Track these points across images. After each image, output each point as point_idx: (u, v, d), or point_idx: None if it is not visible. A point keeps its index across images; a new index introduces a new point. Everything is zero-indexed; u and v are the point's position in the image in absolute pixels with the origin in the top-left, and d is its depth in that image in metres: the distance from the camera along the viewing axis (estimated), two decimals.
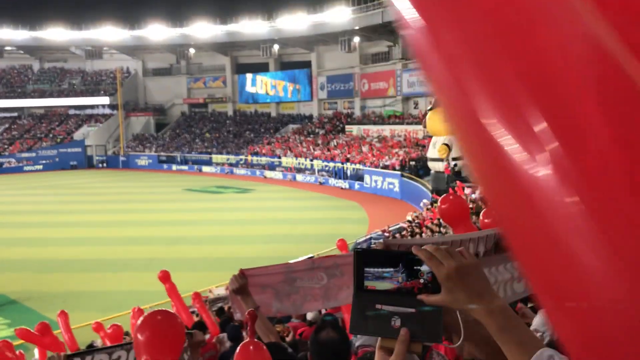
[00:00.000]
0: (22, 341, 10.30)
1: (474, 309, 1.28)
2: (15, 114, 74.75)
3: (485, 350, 1.44)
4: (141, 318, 2.16)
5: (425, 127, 35.69)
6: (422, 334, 1.32)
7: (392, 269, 1.34)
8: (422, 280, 1.33)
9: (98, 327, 11.06)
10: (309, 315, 7.57)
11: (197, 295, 10.37)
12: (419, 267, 1.34)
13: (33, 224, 31.62)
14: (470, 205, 17.27)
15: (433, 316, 1.33)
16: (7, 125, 73.10)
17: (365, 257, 1.37)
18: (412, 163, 41.54)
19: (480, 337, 1.40)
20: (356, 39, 58.52)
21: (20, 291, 19.75)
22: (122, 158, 69.42)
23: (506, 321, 1.26)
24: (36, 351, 10.84)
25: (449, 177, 31.03)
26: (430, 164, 33.56)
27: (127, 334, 10.14)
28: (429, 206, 27.10)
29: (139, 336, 2.09)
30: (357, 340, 3.39)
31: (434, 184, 32.37)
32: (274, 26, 62.74)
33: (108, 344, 10.05)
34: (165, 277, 10.12)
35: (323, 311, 8.03)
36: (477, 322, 1.30)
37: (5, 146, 69.12)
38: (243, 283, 3.24)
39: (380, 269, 1.35)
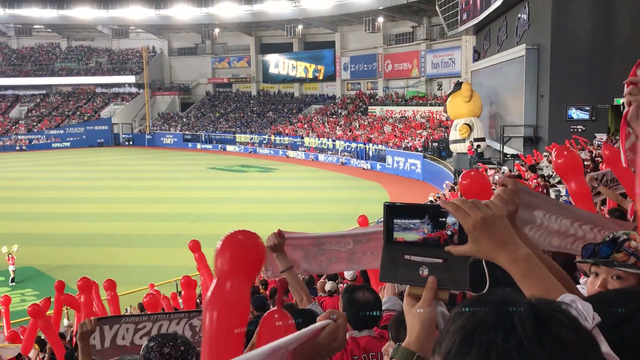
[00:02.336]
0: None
1: (499, 257, 1.34)
2: (44, 92, 75.93)
3: None
4: (221, 239, 2.18)
5: (445, 111, 35.59)
6: (448, 282, 1.37)
7: (418, 220, 1.40)
8: (448, 232, 1.38)
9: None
10: (327, 286, 7.86)
11: None
12: (444, 219, 1.39)
13: (60, 199, 32.39)
14: (493, 187, 17.33)
15: (459, 265, 1.38)
16: (36, 103, 74.36)
17: (395, 210, 1.44)
18: (435, 144, 41.43)
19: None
20: (380, 19, 58.12)
21: (48, 264, 20.39)
22: (147, 136, 70.25)
23: (529, 269, 1.33)
24: (65, 320, 11.35)
25: (471, 158, 31.00)
26: (452, 146, 33.53)
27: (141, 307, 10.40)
28: (452, 188, 27.13)
29: (219, 256, 2.14)
30: (384, 305, 3.57)
31: (455, 165, 32.35)
32: (298, 6, 62.53)
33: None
34: (195, 246, 10.55)
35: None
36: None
37: (34, 123, 70.39)
38: (280, 242, 3.43)
39: (407, 220, 1.41)
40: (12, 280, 18.66)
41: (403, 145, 43.53)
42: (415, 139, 44.15)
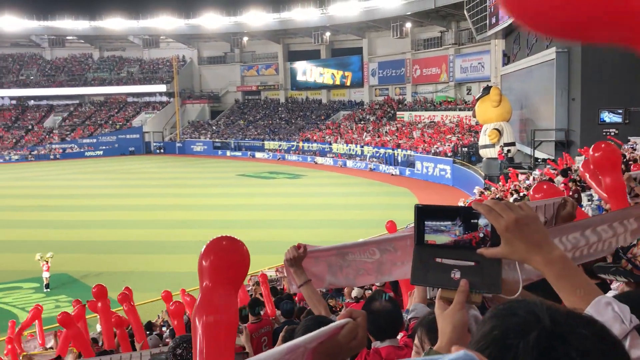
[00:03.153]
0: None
1: (532, 259, 1.32)
2: (77, 102, 77.49)
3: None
4: (206, 244, 2.15)
5: (474, 116, 35.27)
6: (481, 286, 1.36)
7: (449, 222, 1.39)
8: (480, 234, 1.38)
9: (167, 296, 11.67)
10: (354, 292, 7.84)
11: (264, 276, 10.76)
12: (476, 221, 1.38)
13: (93, 207, 32.96)
14: (524, 192, 17.12)
15: (492, 268, 1.36)
16: (69, 112, 75.92)
17: (426, 212, 1.43)
18: (465, 149, 41.07)
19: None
20: (408, 25, 57.97)
21: (81, 270, 20.75)
22: (178, 144, 71.11)
23: (564, 270, 1.30)
24: (98, 326, 11.53)
25: (502, 163, 30.62)
26: (482, 152, 33.19)
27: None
28: (482, 192, 26.85)
29: (204, 262, 2.09)
30: (410, 314, 3.51)
31: (486, 170, 32.00)
32: (326, 13, 62.77)
33: (168, 319, 10.60)
34: None
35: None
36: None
37: (68, 132, 71.84)
38: (297, 255, 3.30)
39: (438, 222, 1.40)
40: (47, 287, 19.02)
41: (432, 151, 43.24)
42: (445, 144, 43.83)
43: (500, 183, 25.16)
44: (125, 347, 8.00)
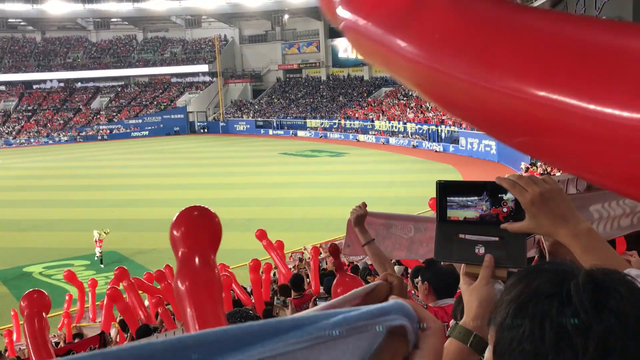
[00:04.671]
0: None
1: (558, 232, 1.30)
2: (122, 83, 78.95)
3: None
4: (176, 215, 2.14)
5: None
6: (506, 260, 1.34)
7: (476, 197, 1.37)
8: (504, 209, 1.35)
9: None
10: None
11: (316, 250, 10.82)
12: (502, 195, 1.35)
13: (140, 186, 33.69)
14: None
15: (517, 243, 1.34)
16: (115, 93, 77.46)
17: (448, 188, 1.41)
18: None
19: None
20: None
21: (130, 248, 21.32)
22: (221, 123, 71.82)
23: (591, 243, 1.27)
24: (146, 302, 11.84)
25: None
26: None
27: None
28: (528, 168, 26.32)
29: (175, 231, 2.08)
30: None
31: None
32: None
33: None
34: (261, 235, 10.71)
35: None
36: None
37: (114, 113, 73.39)
38: (363, 213, 3.33)
39: (464, 198, 1.38)
40: (101, 262, 19.64)
41: None
42: None
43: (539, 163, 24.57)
44: (170, 325, 8.17)
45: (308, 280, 10.15)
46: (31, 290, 3.78)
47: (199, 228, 2.14)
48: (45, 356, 3.52)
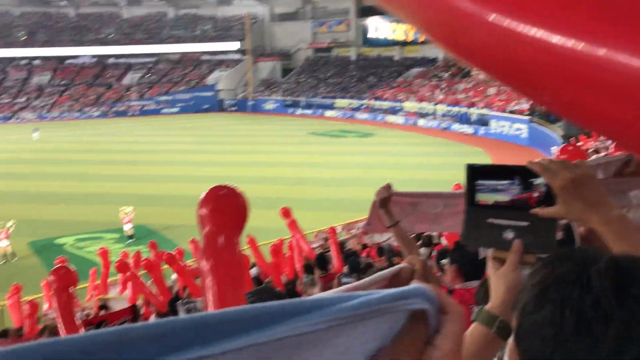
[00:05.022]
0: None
1: (590, 219, 1.28)
2: (154, 60, 79.50)
3: None
4: (204, 193, 2.18)
5: None
6: (535, 246, 1.32)
7: (507, 182, 1.35)
8: (535, 194, 1.33)
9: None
10: (421, 251, 7.84)
11: (333, 230, 10.88)
12: (533, 180, 1.33)
13: (170, 162, 34.08)
14: (604, 153, 16.38)
15: (547, 228, 1.32)
16: (147, 70, 78.10)
17: (478, 171, 1.40)
18: (543, 108, 39.47)
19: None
20: None
21: (159, 223, 21.65)
22: (250, 102, 71.98)
23: (623, 230, 1.25)
24: (173, 276, 12.05)
25: None
26: None
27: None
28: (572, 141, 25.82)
29: (203, 209, 2.11)
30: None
31: (565, 130, 30.73)
32: None
33: None
34: (286, 213, 10.79)
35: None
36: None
37: (145, 90, 74.07)
38: (388, 195, 3.33)
39: (494, 181, 1.36)
40: (130, 237, 20.01)
41: (508, 109, 41.89)
42: (522, 102, 42.32)
43: (580, 143, 24.15)
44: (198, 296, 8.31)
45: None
46: (59, 265, 3.88)
47: (224, 207, 2.17)
48: (72, 328, 3.63)
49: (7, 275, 16.66)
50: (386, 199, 3.31)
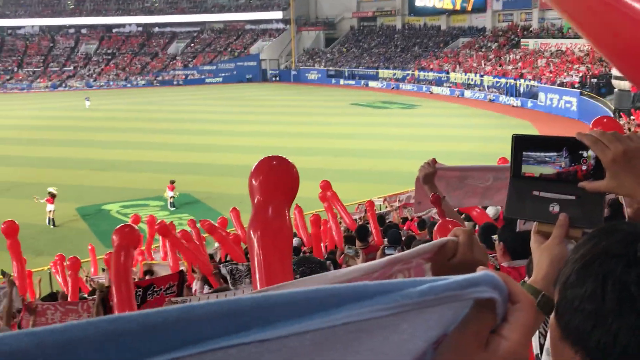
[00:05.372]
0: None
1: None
2: (198, 29, 79.81)
3: None
4: (255, 164, 2.20)
5: None
6: (582, 220, 1.27)
7: (554, 153, 1.30)
8: (584, 167, 1.28)
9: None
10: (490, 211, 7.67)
11: (371, 203, 10.78)
12: (582, 152, 1.28)
13: (213, 132, 34.35)
14: None
15: (594, 202, 1.27)
16: (191, 39, 78.52)
17: (524, 142, 1.34)
18: (594, 80, 38.17)
19: None
20: None
21: (203, 192, 21.90)
22: (293, 72, 71.77)
23: None
24: (216, 243, 12.15)
25: (635, 95, 28.22)
26: (615, 82, 30.69)
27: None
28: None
29: (254, 180, 2.13)
30: None
31: (616, 103, 29.69)
32: None
33: None
34: (326, 186, 10.69)
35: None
36: None
37: (190, 59, 74.58)
38: (433, 170, 3.26)
39: (542, 153, 1.32)
40: (172, 205, 20.29)
41: (558, 81, 40.60)
42: (572, 74, 40.93)
43: (632, 117, 23.26)
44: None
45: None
46: (123, 224, 3.85)
47: (276, 178, 2.17)
48: (125, 290, 3.58)
49: (57, 240, 17.14)
50: (430, 175, 3.22)
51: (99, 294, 5.13)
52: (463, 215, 8.87)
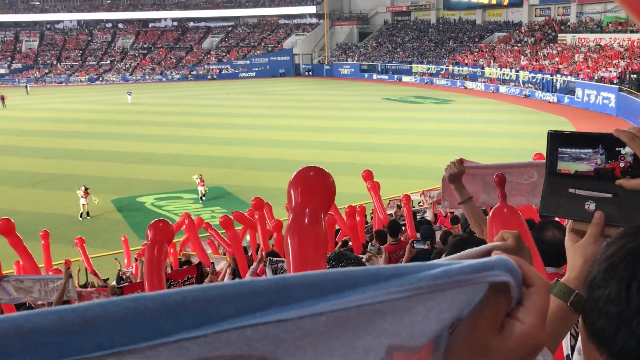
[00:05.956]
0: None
1: None
2: (232, 24, 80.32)
3: None
4: (294, 174, 2.28)
5: None
6: (619, 219, 1.24)
7: (590, 150, 1.28)
8: (621, 164, 1.25)
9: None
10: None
11: (407, 198, 10.74)
12: (620, 149, 1.25)
13: (246, 125, 34.59)
14: None
15: (632, 200, 1.24)
16: (225, 33, 79.08)
17: (561, 139, 1.33)
18: (634, 76, 37.23)
19: None
20: None
21: (234, 185, 22.09)
22: (326, 67, 71.72)
23: None
24: (248, 236, 12.26)
25: None
26: None
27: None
28: None
29: (291, 189, 2.20)
30: None
31: None
32: None
33: None
34: (368, 175, 10.71)
35: None
36: None
37: (224, 54, 75.13)
38: (460, 171, 3.18)
39: (578, 150, 1.30)
40: (201, 198, 20.52)
41: (596, 77, 39.73)
42: (611, 69, 40.00)
43: None
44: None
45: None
46: (157, 219, 3.92)
47: (313, 188, 2.24)
48: (157, 282, 3.65)
49: (92, 231, 17.51)
50: (456, 175, 3.15)
51: (111, 295, 5.23)
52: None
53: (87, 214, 18.98)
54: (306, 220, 2.15)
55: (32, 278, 5.69)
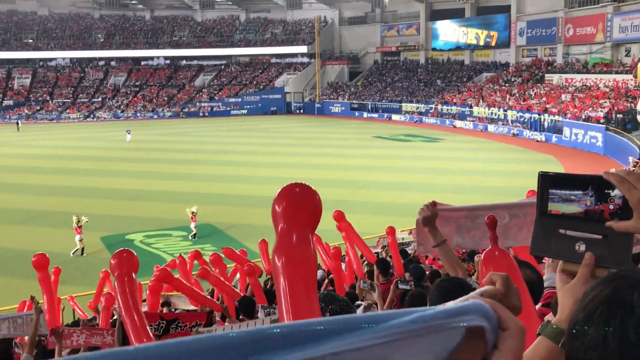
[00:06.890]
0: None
1: None
2: (224, 62, 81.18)
3: None
4: (279, 191, 2.21)
5: (636, 76, 32.24)
6: (609, 260, 1.25)
7: (580, 192, 1.29)
8: (611, 206, 1.26)
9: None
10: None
11: (392, 230, 10.70)
12: (609, 191, 1.26)
13: (237, 162, 34.66)
14: None
15: (621, 242, 1.25)
16: (217, 72, 79.84)
17: (552, 180, 1.34)
18: (620, 116, 37.85)
19: None
20: None
21: (225, 222, 22.00)
22: (317, 105, 72.37)
23: None
24: (238, 275, 12.18)
25: None
26: None
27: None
28: (637, 163, 24.71)
29: (277, 207, 2.12)
30: (545, 282, 3.34)
31: None
32: None
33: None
34: (339, 216, 10.48)
35: None
36: None
37: (216, 91, 75.72)
38: (433, 213, 3.21)
39: (568, 191, 1.30)
40: (194, 237, 20.40)
41: (583, 116, 40.34)
42: (598, 109, 40.65)
43: None
44: (259, 297, 8.29)
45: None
46: (121, 249, 3.74)
47: (299, 205, 2.17)
48: (136, 316, 3.51)
49: (82, 269, 17.32)
50: (430, 218, 3.18)
51: (118, 319, 5.22)
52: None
53: (82, 252, 18.78)
54: (294, 240, 2.10)
55: (1, 317, 5.77)
